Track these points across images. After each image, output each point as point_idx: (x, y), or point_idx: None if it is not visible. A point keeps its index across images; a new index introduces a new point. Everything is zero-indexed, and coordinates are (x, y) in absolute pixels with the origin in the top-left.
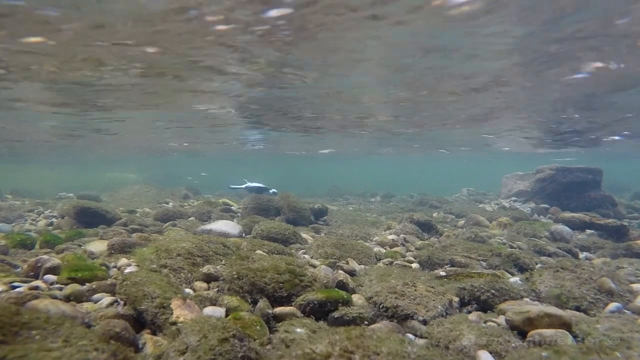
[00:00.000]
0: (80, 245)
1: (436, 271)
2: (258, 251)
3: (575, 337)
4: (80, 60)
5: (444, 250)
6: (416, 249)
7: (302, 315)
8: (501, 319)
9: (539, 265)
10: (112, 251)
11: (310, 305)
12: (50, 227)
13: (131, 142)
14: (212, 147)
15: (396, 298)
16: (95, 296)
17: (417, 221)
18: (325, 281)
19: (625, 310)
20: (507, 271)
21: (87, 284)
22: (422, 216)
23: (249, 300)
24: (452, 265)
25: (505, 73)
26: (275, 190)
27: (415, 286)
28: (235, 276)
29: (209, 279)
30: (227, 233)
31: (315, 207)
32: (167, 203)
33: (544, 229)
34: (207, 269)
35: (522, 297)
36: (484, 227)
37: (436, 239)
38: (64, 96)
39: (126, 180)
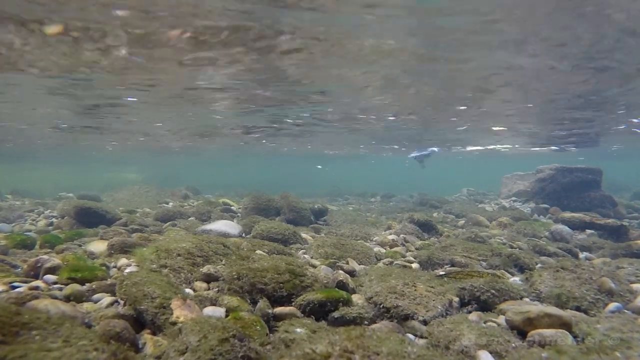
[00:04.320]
0: (80, 245)
1: (436, 271)
2: (258, 251)
3: (575, 337)
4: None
5: (444, 250)
6: (416, 249)
7: (302, 315)
8: (501, 319)
9: (539, 265)
10: (112, 251)
11: (310, 305)
12: (50, 227)
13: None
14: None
15: (396, 298)
16: (95, 296)
17: (417, 221)
18: (325, 281)
19: (626, 310)
20: (507, 271)
21: (87, 284)
22: (422, 216)
23: (249, 301)
24: (452, 265)
25: None
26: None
27: (415, 286)
28: (235, 276)
29: (209, 279)
30: (227, 233)
31: (315, 207)
32: (167, 203)
33: (544, 229)
34: (207, 269)
35: (522, 297)
36: (484, 227)
37: (436, 239)
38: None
39: (127, 180)
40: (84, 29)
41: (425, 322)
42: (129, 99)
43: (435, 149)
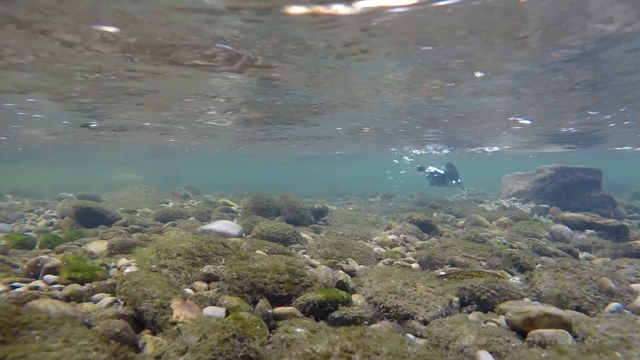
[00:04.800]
0: (80, 245)
1: (436, 271)
2: (258, 251)
3: (575, 337)
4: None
5: (444, 250)
6: (416, 249)
7: (302, 315)
8: (501, 319)
9: (539, 265)
10: (112, 251)
11: (310, 305)
12: (50, 227)
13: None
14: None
15: (396, 298)
16: (95, 296)
17: (417, 221)
18: (325, 281)
19: (625, 310)
20: (507, 271)
21: (87, 284)
22: (422, 216)
23: (249, 300)
24: (452, 265)
25: None
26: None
27: (415, 286)
28: (235, 276)
29: (209, 279)
30: (227, 233)
31: (315, 207)
32: (167, 203)
33: (544, 229)
34: (207, 269)
35: (522, 297)
36: (484, 227)
37: (436, 239)
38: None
39: (127, 180)
40: None
41: (425, 322)
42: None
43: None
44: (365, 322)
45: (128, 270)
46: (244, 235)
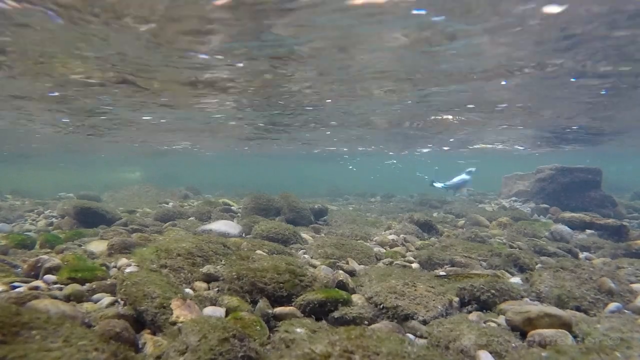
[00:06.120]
0: (80, 245)
1: (436, 271)
2: (258, 251)
3: (575, 337)
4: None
5: (444, 250)
6: (416, 249)
7: (302, 315)
8: (501, 319)
9: (539, 265)
10: (112, 251)
11: (310, 305)
12: (50, 227)
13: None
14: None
15: (396, 298)
16: (95, 296)
17: (417, 221)
18: (325, 281)
19: (625, 310)
20: (507, 271)
21: (87, 284)
22: (422, 216)
23: (249, 300)
24: (452, 265)
25: None
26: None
27: (415, 286)
28: (235, 276)
29: (209, 279)
30: (227, 233)
31: (315, 207)
32: (167, 203)
33: (544, 229)
34: (207, 269)
35: (522, 297)
36: (484, 227)
37: (436, 239)
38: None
39: (127, 180)
40: None
41: (425, 322)
42: None
43: (466, 176)
44: (365, 322)
45: (128, 270)
46: (244, 235)
